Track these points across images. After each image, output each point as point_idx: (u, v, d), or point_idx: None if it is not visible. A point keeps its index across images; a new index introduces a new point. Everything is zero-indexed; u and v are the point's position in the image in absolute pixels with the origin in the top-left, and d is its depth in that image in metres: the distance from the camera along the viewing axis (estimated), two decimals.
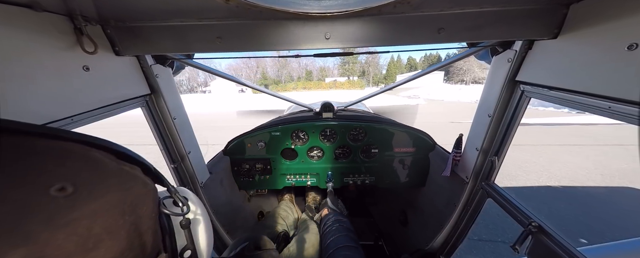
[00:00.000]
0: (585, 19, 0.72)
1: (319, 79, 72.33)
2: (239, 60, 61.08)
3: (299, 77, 74.90)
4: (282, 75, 75.12)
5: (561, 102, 0.82)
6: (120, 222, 0.34)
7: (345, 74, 71.33)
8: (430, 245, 1.65)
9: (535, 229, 0.95)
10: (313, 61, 45.71)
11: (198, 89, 76.31)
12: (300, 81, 66.16)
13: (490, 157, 1.17)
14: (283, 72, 75.92)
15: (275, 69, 77.26)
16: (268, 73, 77.17)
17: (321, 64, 76.55)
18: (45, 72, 0.68)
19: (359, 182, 1.82)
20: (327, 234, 1.09)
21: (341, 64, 72.69)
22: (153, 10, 0.77)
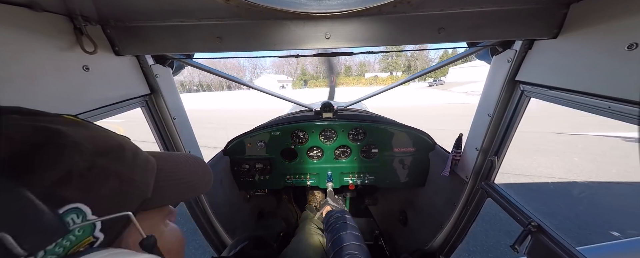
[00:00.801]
0: (586, 19, 0.72)
1: (358, 74, 70.56)
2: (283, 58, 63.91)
3: (337, 73, 73.57)
4: (321, 71, 74.83)
5: (561, 101, 0.82)
6: None
7: (387, 68, 67.88)
8: (430, 245, 1.65)
9: (534, 229, 0.96)
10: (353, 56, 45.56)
11: (244, 86, 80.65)
12: (339, 77, 64.71)
13: (490, 156, 1.17)
14: (322, 69, 75.65)
15: (314, 65, 77.20)
16: (307, 69, 77.33)
17: (361, 58, 74.18)
18: (45, 72, 0.68)
19: (359, 182, 1.82)
20: (331, 232, 1.09)
21: (383, 58, 69.04)
22: (153, 10, 0.77)
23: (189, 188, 0.47)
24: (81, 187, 0.28)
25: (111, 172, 0.31)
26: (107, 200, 0.31)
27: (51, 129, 0.28)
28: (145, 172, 0.37)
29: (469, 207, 1.34)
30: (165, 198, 0.41)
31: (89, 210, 0.28)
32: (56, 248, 0.26)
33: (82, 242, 0.28)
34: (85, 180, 0.28)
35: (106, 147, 0.32)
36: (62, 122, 0.31)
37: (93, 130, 0.34)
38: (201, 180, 0.49)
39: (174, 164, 0.46)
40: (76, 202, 0.27)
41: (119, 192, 0.32)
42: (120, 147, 0.35)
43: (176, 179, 0.44)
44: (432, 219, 1.67)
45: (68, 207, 0.26)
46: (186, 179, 0.46)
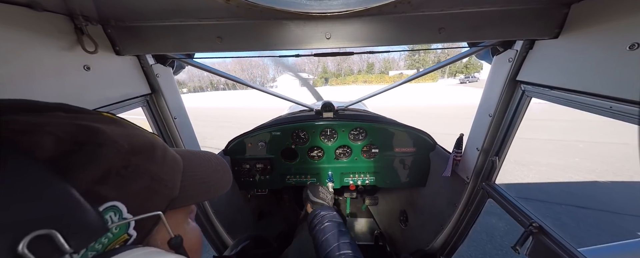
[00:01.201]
0: (587, 19, 0.72)
1: (381, 71, 68.42)
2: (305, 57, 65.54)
3: (359, 71, 71.94)
4: (342, 69, 73.97)
5: (562, 102, 0.82)
6: None
7: (413, 65, 64.59)
8: (430, 246, 1.65)
9: (535, 230, 0.95)
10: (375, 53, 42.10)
11: (267, 84, 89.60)
12: (361, 74, 62.57)
13: (491, 157, 1.17)
14: (343, 66, 74.55)
15: (335, 63, 76.65)
16: (328, 67, 76.73)
17: (385, 55, 71.88)
18: (46, 71, 0.68)
19: (360, 182, 1.82)
20: (317, 233, 1.05)
21: (409, 55, 65.59)
22: (153, 10, 0.77)
23: (211, 188, 0.47)
24: (118, 186, 0.28)
25: (144, 171, 0.32)
26: (139, 198, 0.31)
27: (93, 127, 0.28)
28: (173, 171, 0.38)
29: (470, 208, 1.34)
30: (190, 197, 0.42)
31: (125, 208, 0.29)
32: (96, 245, 0.26)
33: (118, 239, 0.29)
34: (122, 178, 0.29)
35: (140, 146, 0.33)
36: (102, 120, 0.31)
37: (128, 128, 0.34)
38: (221, 180, 0.50)
39: (198, 163, 0.46)
40: (113, 200, 0.28)
41: (149, 190, 0.33)
42: (152, 145, 0.35)
43: (200, 178, 0.45)
44: (432, 219, 1.67)
45: (107, 205, 0.27)
46: (208, 178, 0.47)
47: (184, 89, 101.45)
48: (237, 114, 15.75)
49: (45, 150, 0.24)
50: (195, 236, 0.46)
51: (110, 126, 0.31)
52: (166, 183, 0.35)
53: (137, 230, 0.31)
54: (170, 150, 0.40)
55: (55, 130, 0.25)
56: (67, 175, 0.24)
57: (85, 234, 0.25)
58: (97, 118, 0.32)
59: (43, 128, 0.25)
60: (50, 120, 0.26)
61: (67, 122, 0.27)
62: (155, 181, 0.33)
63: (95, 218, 0.25)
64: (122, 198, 0.29)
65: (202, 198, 0.45)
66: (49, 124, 0.25)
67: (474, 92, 19.96)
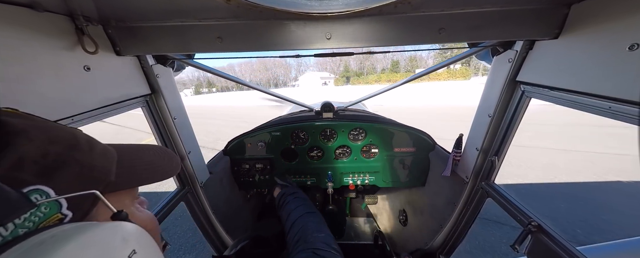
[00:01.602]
0: (587, 19, 0.72)
1: (407, 70, 65.49)
2: None
3: (382, 69, 69.65)
4: (365, 67, 72.21)
5: (562, 102, 0.82)
6: None
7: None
8: (430, 245, 1.65)
9: (534, 229, 0.96)
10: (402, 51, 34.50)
11: (289, 83, 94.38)
12: (384, 73, 59.93)
13: (490, 157, 1.17)
14: (366, 64, 72.64)
15: (357, 61, 75.35)
16: (350, 65, 75.19)
17: (412, 53, 67.48)
18: (46, 72, 0.68)
19: (359, 182, 1.82)
20: (284, 207, 1.08)
21: (440, 52, 62.34)
22: (154, 11, 0.77)
23: (156, 172, 0.51)
24: (37, 172, 0.30)
25: (69, 159, 0.34)
26: (68, 184, 0.33)
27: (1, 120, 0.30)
28: (105, 158, 0.40)
29: (469, 207, 1.34)
30: (132, 181, 0.46)
31: (52, 191, 0.31)
32: (25, 223, 0.28)
33: (49, 218, 0.31)
34: (39, 166, 0.30)
35: (57, 136, 0.35)
36: (12, 115, 0.33)
37: (40, 121, 0.36)
38: (167, 165, 0.53)
39: (137, 151, 0.50)
40: (36, 184, 0.30)
41: (80, 176, 0.35)
42: (73, 136, 0.37)
43: (141, 164, 0.49)
44: (432, 219, 1.67)
45: (29, 188, 0.29)
46: (152, 164, 0.51)
47: (213, 89, 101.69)
48: (256, 112, 15.74)
49: None
50: (147, 219, 0.50)
51: (22, 119, 0.33)
52: (99, 169, 0.38)
53: (73, 210, 0.33)
54: (100, 143, 0.43)
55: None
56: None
57: (5, 210, 0.26)
58: (7, 113, 0.33)
59: None
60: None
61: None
62: (86, 168, 0.36)
63: (15, 196, 0.27)
64: (46, 183, 0.30)
65: (146, 181, 0.49)
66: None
67: None
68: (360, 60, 73.58)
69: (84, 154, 0.36)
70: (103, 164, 0.39)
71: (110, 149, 0.44)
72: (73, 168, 0.34)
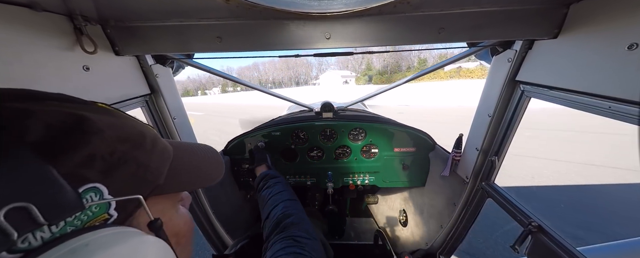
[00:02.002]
0: (586, 19, 0.72)
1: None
2: None
3: (408, 67, 67.56)
4: (389, 65, 70.48)
5: (561, 101, 0.82)
6: None
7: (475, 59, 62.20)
8: (430, 245, 1.65)
9: (535, 229, 0.96)
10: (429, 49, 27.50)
11: (310, 81, 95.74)
12: (410, 71, 57.97)
13: (490, 157, 1.17)
14: (389, 62, 70.79)
15: (381, 59, 73.28)
16: (373, 63, 73.42)
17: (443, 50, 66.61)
18: (45, 72, 0.68)
19: (359, 182, 1.82)
20: (265, 189, 1.06)
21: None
22: (153, 10, 0.77)
23: (200, 178, 0.49)
24: (102, 170, 0.31)
25: (130, 158, 0.34)
26: (122, 183, 0.33)
27: (81, 115, 0.31)
28: (161, 159, 0.40)
29: (469, 207, 1.34)
30: (177, 185, 0.44)
31: (106, 190, 0.31)
32: (75, 221, 0.29)
33: (98, 217, 0.31)
34: (106, 163, 0.31)
35: (128, 135, 0.35)
36: (94, 110, 0.34)
37: (120, 118, 0.37)
38: (214, 171, 0.52)
39: (190, 154, 0.49)
40: (95, 182, 0.30)
41: (134, 176, 0.35)
42: (141, 134, 0.38)
43: (189, 168, 0.47)
44: (432, 219, 1.67)
45: (87, 186, 0.29)
46: (199, 169, 0.49)
47: (237, 88, 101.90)
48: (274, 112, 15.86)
49: (33, 134, 0.27)
50: (182, 222, 0.49)
51: (100, 115, 0.33)
52: (152, 170, 0.38)
53: (118, 211, 0.33)
54: (162, 140, 0.42)
55: (45, 116, 0.28)
56: (51, 157, 0.27)
57: (60, 210, 0.27)
58: (89, 108, 0.34)
59: (35, 114, 0.28)
60: (44, 108, 0.29)
61: (57, 110, 0.30)
62: (142, 168, 0.36)
63: (71, 196, 0.28)
64: (104, 180, 0.31)
65: (190, 187, 0.48)
66: (41, 111, 0.28)
67: None
68: (383, 58, 71.79)
69: (144, 153, 0.37)
70: (157, 165, 0.39)
71: (169, 148, 0.43)
72: (130, 167, 0.34)
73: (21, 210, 0.24)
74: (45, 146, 0.27)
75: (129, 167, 0.34)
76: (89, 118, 0.31)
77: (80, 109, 0.32)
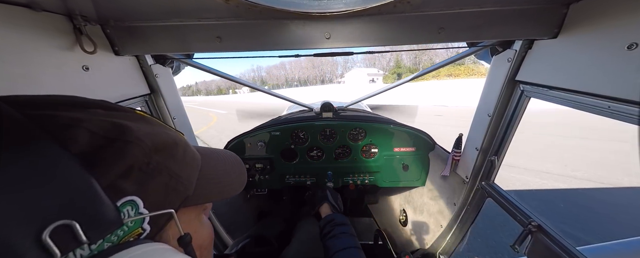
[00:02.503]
0: (585, 19, 0.72)
1: (474, 61, 64.11)
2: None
3: None
4: (420, 62, 69.20)
5: (561, 101, 0.82)
6: None
7: None
8: (430, 245, 1.65)
9: (534, 229, 0.96)
10: None
11: (335, 80, 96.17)
12: (445, 68, 58.95)
13: (490, 156, 1.17)
14: (422, 59, 68.72)
15: (412, 55, 71.97)
16: (403, 60, 72.16)
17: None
18: (45, 72, 0.68)
19: (359, 182, 1.82)
20: (327, 234, 1.07)
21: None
22: (152, 10, 0.77)
23: (226, 188, 0.47)
24: (138, 181, 0.30)
25: (164, 168, 0.33)
26: (156, 194, 0.32)
27: (123, 125, 0.30)
28: (191, 169, 0.39)
29: (469, 207, 1.34)
30: (204, 196, 0.42)
31: (141, 203, 0.30)
32: (112, 237, 0.28)
33: (132, 232, 0.30)
34: (143, 174, 0.30)
35: (163, 144, 0.34)
36: (133, 118, 0.33)
37: (155, 125, 0.36)
38: (237, 181, 0.50)
39: (216, 162, 0.47)
40: (132, 194, 0.29)
41: (167, 187, 0.34)
42: (175, 143, 0.36)
43: (216, 178, 0.45)
44: (432, 219, 1.67)
45: (125, 199, 0.28)
46: (224, 179, 0.47)
47: (265, 86, 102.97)
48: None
49: (79, 144, 0.26)
50: (207, 234, 0.47)
51: (139, 124, 0.33)
52: (183, 181, 0.36)
53: (151, 225, 0.32)
54: (191, 148, 0.41)
55: (91, 126, 0.27)
56: (94, 169, 0.26)
57: (102, 227, 0.26)
58: (129, 116, 0.34)
59: (81, 123, 0.27)
60: (90, 116, 0.28)
61: (103, 119, 0.29)
62: (173, 178, 0.34)
63: (112, 212, 0.27)
64: (140, 193, 0.30)
65: (215, 198, 0.45)
66: (87, 120, 0.27)
67: None
68: (415, 54, 69.98)
69: (176, 163, 0.35)
70: (188, 174, 0.38)
71: (198, 156, 0.41)
72: (163, 177, 0.33)
73: (65, 227, 0.23)
74: (89, 157, 0.26)
75: (162, 177, 0.33)
76: (130, 127, 0.30)
77: (122, 118, 0.32)
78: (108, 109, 0.32)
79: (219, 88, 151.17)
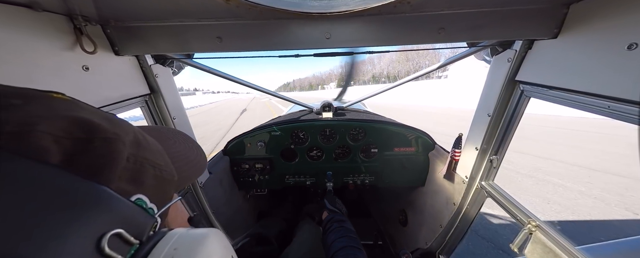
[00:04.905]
0: (585, 19, 0.72)
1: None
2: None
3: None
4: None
5: (561, 101, 0.82)
6: None
7: None
8: (429, 244, 1.66)
9: (534, 228, 0.96)
10: None
11: (434, 75, 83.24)
12: None
13: (490, 156, 1.17)
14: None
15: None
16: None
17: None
18: (45, 72, 0.68)
19: (359, 182, 1.82)
20: (329, 236, 1.08)
21: None
22: (153, 10, 0.77)
23: (196, 166, 0.45)
24: (129, 178, 0.28)
25: (143, 160, 0.31)
26: (153, 188, 0.31)
27: (83, 119, 0.26)
28: (162, 155, 0.36)
29: (469, 207, 1.34)
30: (183, 179, 0.40)
31: (147, 199, 0.29)
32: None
33: (151, 227, 0.29)
34: (131, 171, 0.28)
35: (127, 134, 0.31)
36: (76, 108, 0.28)
37: (103, 114, 0.31)
38: (199, 155, 0.47)
39: (172, 142, 0.44)
40: (136, 193, 0.28)
41: (157, 178, 0.32)
42: (133, 131, 0.33)
43: (184, 158, 0.43)
44: (431, 219, 1.67)
45: (134, 198, 0.28)
46: (190, 157, 0.44)
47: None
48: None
49: (53, 154, 0.22)
50: (183, 207, 0.48)
51: (86, 113, 0.28)
52: (165, 168, 0.34)
53: (160, 216, 0.32)
54: (145, 134, 0.36)
55: (49, 129, 0.22)
56: (94, 176, 0.24)
57: (141, 226, 0.26)
58: (66, 105, 0.28)
59: (34, 128, 0.22)
60: (37, 114, 0.23)
61: (53, 115, 0.24)
62: (157, 168, 0.33)
63: (140, 210, 0.27)
64: (141, 190, 0.29)
65: (193, 177, 0.44)
66: (38, 123, 0.22)
67: None
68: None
69: (147, 151, 0.32)
70: (164, 161, 0.35)
71: (154, 141, 0.37)
72: (149, 170, 0.31)
73: (116, 236, 0.23)
74: (76, 165, 0.24)
75: (147, 170, 0.31)
76: (92, 120, 0.26)
77: (65, 109, 0.26)
78: (23, 98, 0.25)
79: (310, 84, 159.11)
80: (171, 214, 0.37)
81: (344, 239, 1.01)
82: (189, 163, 0.43)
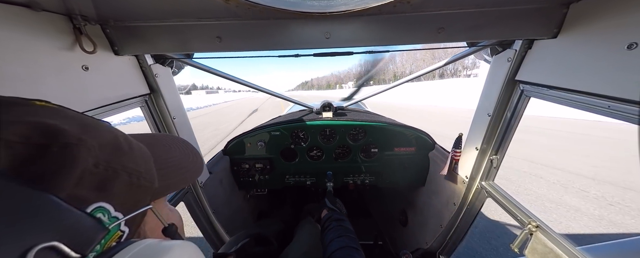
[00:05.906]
0: (585, 19, 0.72)
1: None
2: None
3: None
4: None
5: (561, 101, 0.82)
6: None
7: None
8: (430, 244, 1.65)
9: (534, 229, 0.96)
10: None
11: (462, 73, 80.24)
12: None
13: (490, 156, 1.17)
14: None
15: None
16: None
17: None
18: (45, 71, 0.68)
19: (359, 182, 1.82)
20: (327, 234, 1.08)
21: None
22: (152, 10, 0.77)
23: (187, 174, 0.45)
24: (93, 186, 0.27)
25: (118, 166, 0.30)
26: (123, 195, 0.30)
27: (48, 125, 0.25)
28: (145, 161, 0.35)
29: (469, 207, 1.34)
30: (169, 186, 0.40)
31: (111, 207, 0.28)
32: (96, 247, 0.26)
33: (113, 237, 0.29)
34: (94, 178, 0.27)
35: (103, 139, 0.30)
36: (45, 114, 0.27)
37: (81, 119, 0.31)
38: (193, 164, 0.47)
39: (166, 149, 0.43)
40: (97, 201, 0.27)
41: (130, 185, 0.31)
42: (115, 136, 0.32)
43: (173, 165, 0.42)
44: (432, 219, 1.67)
45: (93, 206, 0.26)
46: (182, 164, 0.44)
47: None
48: None
49: (2, 160, 0.22)
50: (177, 217, 0.47)
51: (60, 119, 0.28)
52: (144, 175, 0.33)
53: (129, 225, 0.31)
54: (133, 139, 0.36)
55: (3, 134, 0.22)
56: (43, 183, 0.23)
57: (86, 238, 0.24)
58: (37, 110, 0.28)
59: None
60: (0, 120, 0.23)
61: (16, 121, 0.24)
62: (134, 176, 0.32)
63: (89, 221, 0.25)
64: (105, 198, 0.28)
65: (180, 185, 0.43)
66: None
67: None
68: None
69: (128, 158, 0.32)
70: (146, 168, 0.34)
71: (143, 147, 0.37)
72: (123, 176, 0.30)
73: (49, 250, 0.21)
74: (27, 172, 0.22)
75: (121, 177, 0.30)
76: (58, 126, 0.26)
77: (32, 114, 0.26)
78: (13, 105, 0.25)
79: (328, 83, 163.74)
80: (150, 223, 0.35)
81: (342, 239, 1.01)
82: (181, 170, 0.43)
